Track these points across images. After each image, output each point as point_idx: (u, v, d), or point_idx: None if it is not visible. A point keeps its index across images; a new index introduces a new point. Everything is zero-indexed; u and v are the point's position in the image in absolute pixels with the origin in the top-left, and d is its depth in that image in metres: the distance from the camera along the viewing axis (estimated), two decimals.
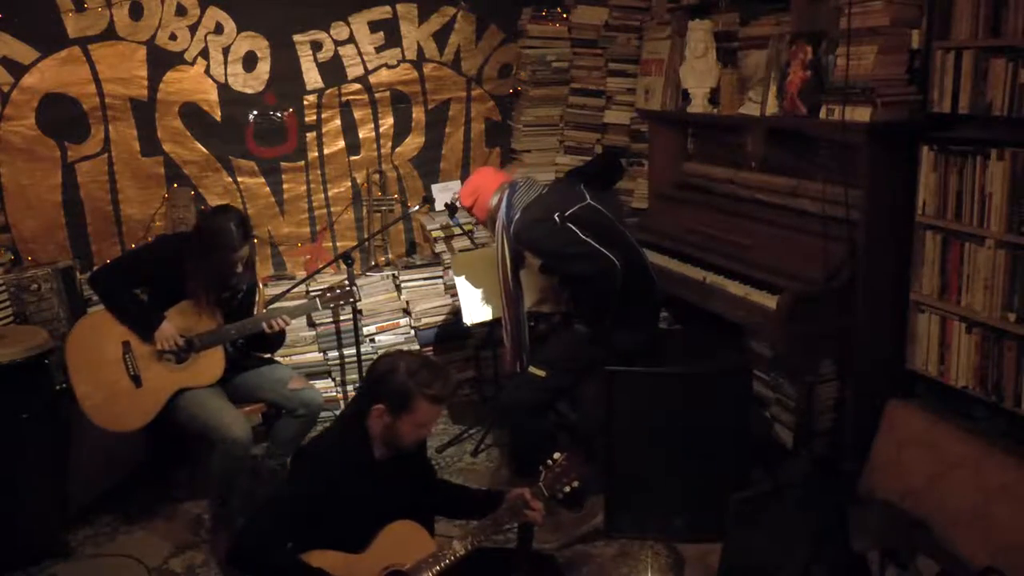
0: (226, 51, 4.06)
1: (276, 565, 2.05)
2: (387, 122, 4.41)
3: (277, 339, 3.22)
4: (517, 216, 3.01)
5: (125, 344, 2.96)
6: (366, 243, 4.40)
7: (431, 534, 2.26)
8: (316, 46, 4.19)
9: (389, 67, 4.33)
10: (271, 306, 3.69)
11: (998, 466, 2.43)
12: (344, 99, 4.29)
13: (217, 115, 4.11)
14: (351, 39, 4.24)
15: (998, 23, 2.42)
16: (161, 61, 3.97)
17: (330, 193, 4.39)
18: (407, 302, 4.21)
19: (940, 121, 2.66)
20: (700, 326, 3.63)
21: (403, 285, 4.22)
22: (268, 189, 4.28)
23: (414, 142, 4.48)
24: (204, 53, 4.02)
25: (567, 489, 2.33)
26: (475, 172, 3.37)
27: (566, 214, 2.94)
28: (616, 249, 2.89)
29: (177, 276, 3.00)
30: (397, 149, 4.46)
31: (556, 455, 2.37)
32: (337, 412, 4.10)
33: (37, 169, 3.87)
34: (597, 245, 2.87)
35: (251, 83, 4.13)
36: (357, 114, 4.34)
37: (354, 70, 4.28)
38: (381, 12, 4.26)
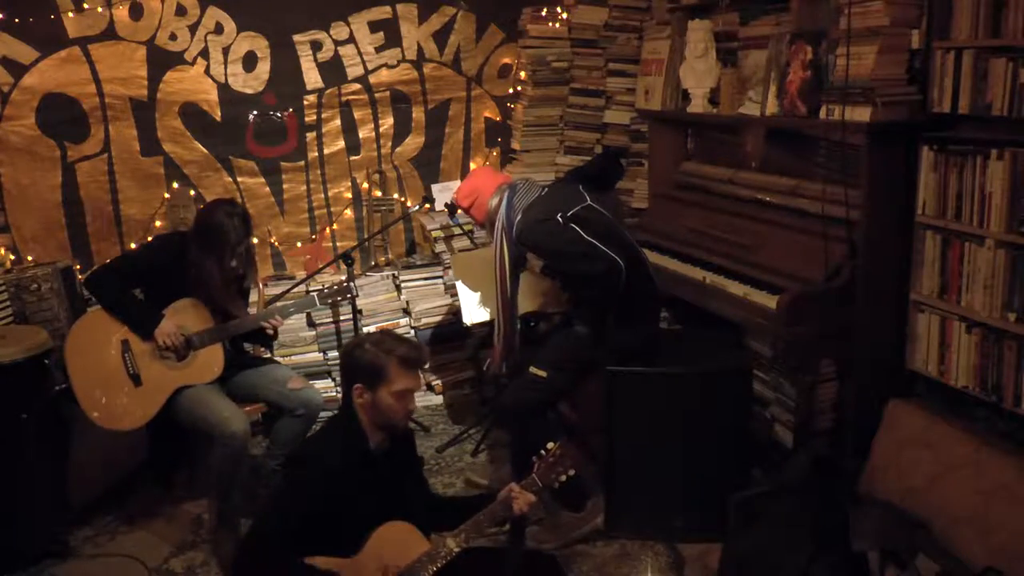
0: (226, 51, 4.06)
1: (283, 571, 2.02)
2: (387, 122, 4.41)
3: (272, 333, 3.23)
4: (519, 218, 3.00)
5: (124, 343, 2.97)
6: (366, 243, 4.40)
7: (425, 534, 2.22)
8: (316, 46, 4.19)
9: (389, 67, 4.33)
10: (271, 306, 3.69)
11: (998, 466, 2.43)
12: (344, 99, 4.29)
13: (217, 115, 4.11)
14: (351, 39, 4.24)
15: (998, 23, 2.42)
16: (161, 61, 3.97)
17: (330, 193, 4.39)
18: (407, 302, 4.21)
19: (940, 121, 2.66)
20: (700, 326, 3.63)
21: (403, 285, 4.22)
22: (268, 189, 4.28)
23: (414, 142, 4.49)
24: (204, 53, 4.02)
25: (563, 478, 2.29)
26: (472, 173, 3.33)
27: (568, 214, 2.93)
28: (618, 249, 2.89)
29: (174, 275, 3.01)
30: (397, 149, 4.46)
31: (549, 445, 2.35)
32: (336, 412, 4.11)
33: (37, 169, 3.87)
34: (600, 245, 2.87)
35: (251, 83, 4.13)
36: (357, 114, 4.34)
37: (354, 70, 4.28)
38: (381, 12, 4.26)
